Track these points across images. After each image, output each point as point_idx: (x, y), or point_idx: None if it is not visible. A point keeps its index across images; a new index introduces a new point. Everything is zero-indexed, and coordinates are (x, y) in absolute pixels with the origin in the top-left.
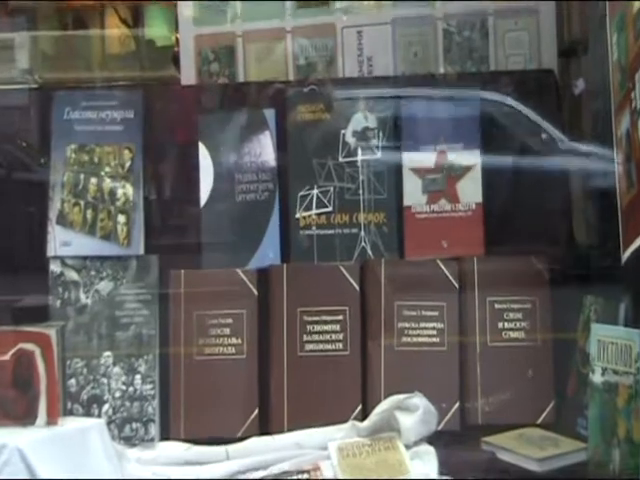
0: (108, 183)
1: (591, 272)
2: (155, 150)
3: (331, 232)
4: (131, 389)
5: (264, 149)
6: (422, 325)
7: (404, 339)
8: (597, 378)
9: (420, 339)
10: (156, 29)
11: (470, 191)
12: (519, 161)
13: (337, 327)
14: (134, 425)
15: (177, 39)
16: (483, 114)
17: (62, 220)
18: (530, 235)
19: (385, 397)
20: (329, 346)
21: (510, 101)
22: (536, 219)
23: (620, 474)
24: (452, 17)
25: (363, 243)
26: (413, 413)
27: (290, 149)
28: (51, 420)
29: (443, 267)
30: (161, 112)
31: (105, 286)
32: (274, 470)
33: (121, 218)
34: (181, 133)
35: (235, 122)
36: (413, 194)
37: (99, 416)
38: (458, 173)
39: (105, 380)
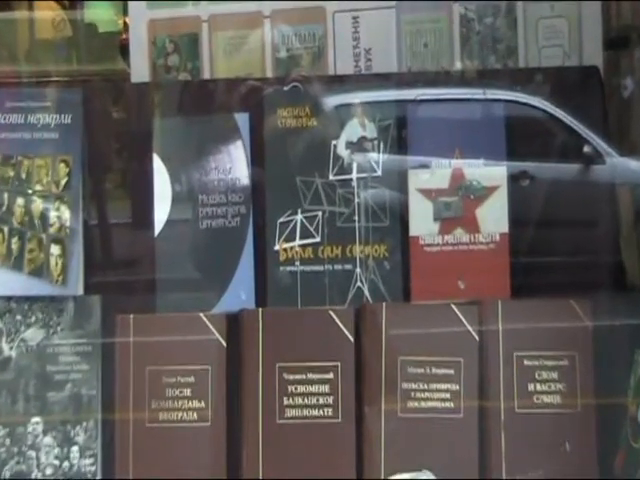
0: (39, 204)
1: None
2: (98, 163)
3: (319, 268)
4: (66, 464)
5: (235, 163)
6: (432, 386)
7: (410, 403)
8: None
9: (430, 403)
10: (98, 10)
11: (493, 218)
12: (555, 180)
13: (326, 388)
14: None
15: (126, 24)
16: (510, 121)
17: None
18: (568, 273)
19: (386, 475)
20: (316, 412)
21: (544, 105)
22: (576, 253)
23: None
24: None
25: (359, 282)
26: None
27: (268, 163)
28: None
29: (459, 313)
30: (106, 116)
31: (34, 334)
32: None
33: (55, 249)
34: (131, 142)
35: (199, 129)
36: (422, 221)
37: None
38: (478, 195)
39: (33, 453)
